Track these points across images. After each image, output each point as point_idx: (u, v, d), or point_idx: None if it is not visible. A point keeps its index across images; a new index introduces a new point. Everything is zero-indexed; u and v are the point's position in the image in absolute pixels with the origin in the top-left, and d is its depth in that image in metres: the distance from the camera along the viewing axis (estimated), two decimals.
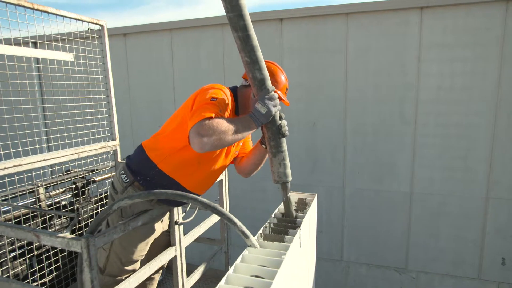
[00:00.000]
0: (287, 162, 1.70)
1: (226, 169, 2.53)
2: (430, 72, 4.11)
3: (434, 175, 4.27)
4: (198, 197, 1.44)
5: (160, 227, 2.00)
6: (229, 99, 1.68)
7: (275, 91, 1.64)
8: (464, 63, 3.97)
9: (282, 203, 1.76)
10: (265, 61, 1.74)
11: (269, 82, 1.60)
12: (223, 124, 1.46)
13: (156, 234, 1.97)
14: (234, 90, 1.83)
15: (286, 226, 1.61)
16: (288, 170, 1.70)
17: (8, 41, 2.14)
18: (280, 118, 1.67)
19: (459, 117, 4.08)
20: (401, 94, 4.25)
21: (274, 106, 1.58)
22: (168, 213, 2.04)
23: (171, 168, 1.76)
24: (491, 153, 4.02)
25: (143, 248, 1.90)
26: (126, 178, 1.80)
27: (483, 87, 3.95)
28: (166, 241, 2.10)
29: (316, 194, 1.99)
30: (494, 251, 4.20)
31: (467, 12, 3.88)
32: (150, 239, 1.93)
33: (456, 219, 4.27)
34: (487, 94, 3.95)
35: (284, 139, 1.68)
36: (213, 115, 1.48)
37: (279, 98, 1.69)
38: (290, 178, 1.70)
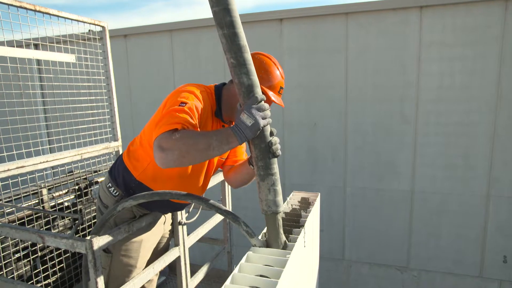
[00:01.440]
0: (278, 188, 1.37)
1: None
2: (430, 71, 4.12)
3: (435, 173, 4.28)
4: (202, 197, 1.44)
5: (161, 231, 1.94)
6: (203, 102, 1.49)
7: (266, 92, 1.45)
8: (464, 61, 3.98)
9: (265, 232, 1.44)
10: (259, 54, 1.62)
11: (258, 90, 1.32)
12: (191, 138, 1.25)
13: (156, 239, 1.91)
14: (218, 89, 1.65)
15: (290, 226, 1.61)
16: (279, 198, 1.37)
17: (10, 43, 2.14)
18: (271, 134, 1.36)
19: (459, 116, 4.09)
20: (401, 93, 4.26)
21: (264, 118, 1.28)
22: (169, 217, 2.01)
23: (150, 180, 1.64)
24: (491, 151, 4.03)
25: (143, 257, 1.83)
26: (115, 191, 1.69)
27: (483, 86, 3.96)
28: (164, 246, 2.05)
29: (319, 193, 2.00)
30: (495, 249, 4.21)
31: (467, 11, 3.89)
32: (150, 247, 1.86)
33: (457, 217, 4.28)
34: (487, 93, 3.96)
35: (275, 160, 1.36)
36: (179, 126, 1.28)
37: (271, 100, 1.52)
38: (281, 208, 1.38)
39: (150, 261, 1.90)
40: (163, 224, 1.96)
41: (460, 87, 4.04)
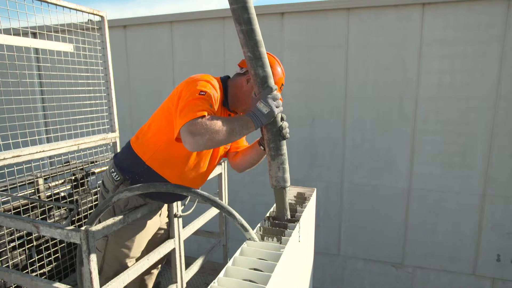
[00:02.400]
0: (287, 166, 1.59)
1: (225, 163, 2.54)
2: (430, 68, 4.11)
3: (433, 171, 4.28)
4: (198, 190, 1.44)
5: (157, 222, 1.96)
6: (217, 92, 1.60)
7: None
8: (465, 60, 3.97)
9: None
10: (268, 53, 1.66)
11: (272, 80, 1.50)
12: (217, 123, 1.38)
13: (153, 230, 1.93)
14: (224, 81, 1.74)
15: (285, 220, 1.62)
16: (287, 175, 1.59)
17: (7, 32, 2.12)
18: (282, 119, 1.57)
19: (458, 114, 4.09)
20: (401, 91, 4.25)
21: (277, 107, 1.49)
22: (165, 209, 2.02)
23: (159, 165, 1.70)
24: (489, 150, 4.04)
25: (139, 244, 1.86)
26: (117, 176, 1.75)
27: (483, 84, 3.95)
28: (163, 237, 2.06)
29: (315, 189, 2.00)
30: (489, 247, 4.23)
31: (469, 8, 3.86)
32: (146, 235, 1.88)
33: (453, 215, 4.30)
34: (486, 92, 3.95)
35: (284, 142, 1.58)
36: (205, 113, 1.40)
37: None
38: (288, 184, 1.60)
39: (147, 252, 1.91)
40: (159, 216, 1.96)
41: (460, 86, 4.03)
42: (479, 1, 3.82)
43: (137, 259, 1.90)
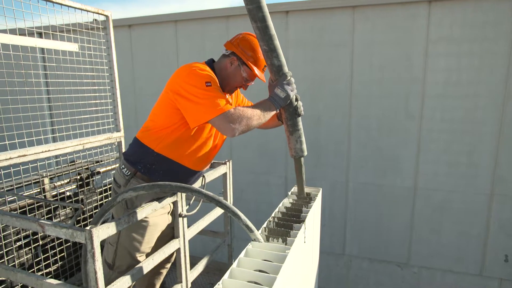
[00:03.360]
0: (303, 139, 1.89)
1: (230, 163, 2.53)
2: (436, 66, 4.06)
3: (438, 170, 4.24)
4: (203, 190, 1.44)
5: (166, 220, 1.98)
6: (213, 76, 1.74)
7: (252, 68, 1.78)
8: (472, 58, 3.92)
9: (296, 182, 1.96)
10: (248, 34, 1.85)
11: (286, 68, 1.74)
12: (247, 111, 1.63)
13: (162, 226, 1.95)
14: (210, 65, 1.87)
15: (290, 221, 1.60)
16: (304, 146, 1.91)
17: (13, 31, 2.13)
18: (296, 99, 1.83)
19: (465, 112, 4.04)
20: (407, 89, 4.21)
21: (292, 91, 1.75)
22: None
23: (169, 150, 1.81)
24: (497, 149, 3.99)
25: (150, 239, 1.90)
26: (127, 171, 1.84)
27: (491, 83, 3.90)
28: (171, 234, 2.09)
29: (321, 189, 1.99)
30: (497, 247, 4.19)
31: (476, 6, 3.81)
32: (156, 231, 1.92)
33: (459, 215, 4.26)
34: (494, 90, 3.90)
35: (300, 119, 1.85)
36: (230, 107, 1.62)
37: (255, 75, 1.81)
38: (305, 153, 1.92)
39: (156, 249, 1.92)
40: (168, 214, 1.98)
41: (467, 84, 3.98)
42: None
43: (148, 255, 1.91)
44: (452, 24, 3.92)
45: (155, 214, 1.87)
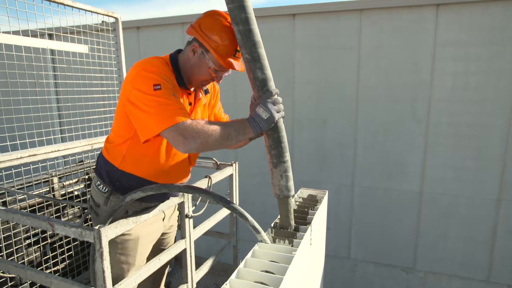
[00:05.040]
0: (290, 174, 1.48)
1: (236, 164, 2.54)
2: (444, 70, 4.04)
3: (445, 174, 4.22)
4: (210, 191, 1.45)
5: (161, 228, 1.87)
6: (166, 74, 1.44)
7: (225, 59, 1.42)
8: (480, 62, 3.90)
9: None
10: (212, 11, 1.50)
11: (272, 83, 1.41)
12: (209, 127, 1.32)
13: (156, 235, 1.84)
14: (173, 58, 1.56)
15: (297, 223, 1.61)
16: (291, 183, 1.48)
17: (24, 33, 2.17)
18: (284, 121, 1.48)
19: (472, 117, 4.01)
20: (413, 93, 4.20)
21: (278, 112, 1.39)
22: (169, 213, 1.92)
23: (132, 166, 1.60)
24: (505, 154, 3.95)
25: (143, 252, 1.75)
26: (104, 187, 1.65)
27: (498, 87, 3.87)
28: (168, 241, 2.00)
29: (327, 191, 1.99)
30: (505, 253, 4.14)
31: (484, 10, 3.80)
32: (149, 242, 1.78)
33: (466, 219, 4.22)
34: (502, 94, 3.87)
35: (287, 149, 1.47)
36: (188, 118, 1.32)
37: (223, 64, 1.45)
38: (292, 192, 1.49)
39: (153, 256, 1.79)
40: (162, 221, 1.88)
41: (475, 88, 3.96)
42: (495, 2, 3.75)
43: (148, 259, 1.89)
44: (459, 28, 3.91)
45: (143, 225, 1.69)
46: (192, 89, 1.62)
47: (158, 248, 1.93)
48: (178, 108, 1.35)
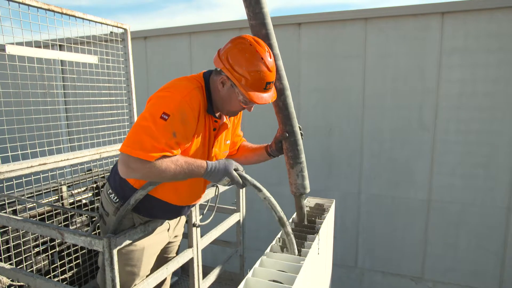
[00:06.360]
0: (305, 173, 1.70)
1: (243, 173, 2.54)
2: (450, 77, 4.03)
3: (454, 182, 4.17)
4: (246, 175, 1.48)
5: (165, 238, 1.85)
6: (194, 105, 1.39)
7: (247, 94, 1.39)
8: (487, 69, 3.88)
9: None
10: (239, 39, 1.46)
11: (288, 92, 1.63)
12: (157, 171, 1.31)
13: (161, 246, 1.82)
14: (206, 79, 1.52)
15: (304, 232, 1.61)
16: (306, 182, 1.70)
17: (36, 43, 2.22)
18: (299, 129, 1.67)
19: (480, 124, 3.98)
20: (420, 100, 4.19)
21: (226, 183, 1.47)
22: (174, 224, 1.90)
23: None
24: None
25: (148, 262, 1.74)
26: (115, 197, 1.61)
27: (507, 94, 3.85)
28: (172, 251, 1.98)
29: (334, 200, 1.98)
30: None
31: (491, 18, 3.80)
32: (153, 252, 1.76)
33: (476, 228, 4.16)
34: (510, 101, 3.84)
35: (302, 151, 1.66)
36: (153, 158, 1.29)
37: (253, 100, 1.40)
38: (308, 190, 1.69)
39: (156, 268, 1.81)
40: (167, 231, 1.85)
41: (482, 95, 3.94)
42: (500, 9, 3.75)
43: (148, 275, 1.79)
44: (466, 35, 3.91)
45: (148, 236, 1.71)
46: (217, 114, 1.58)
47: (161, 256, 1.93)
48: (155, 145, 1.30)
